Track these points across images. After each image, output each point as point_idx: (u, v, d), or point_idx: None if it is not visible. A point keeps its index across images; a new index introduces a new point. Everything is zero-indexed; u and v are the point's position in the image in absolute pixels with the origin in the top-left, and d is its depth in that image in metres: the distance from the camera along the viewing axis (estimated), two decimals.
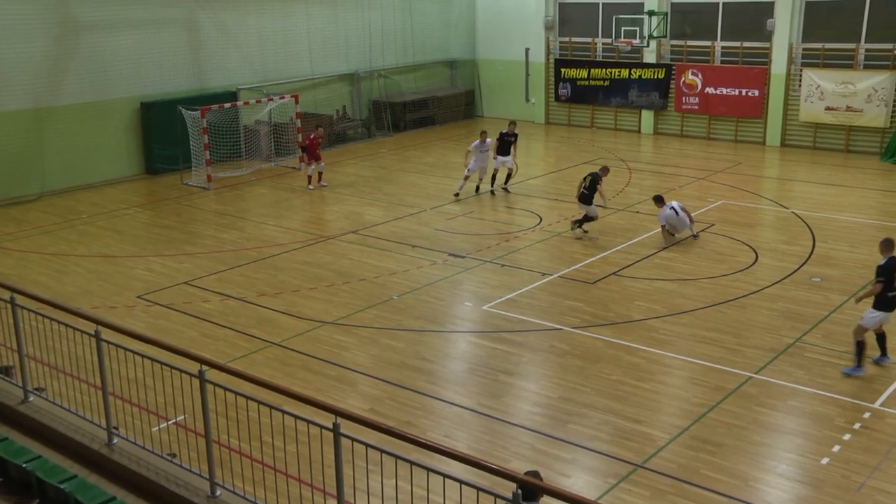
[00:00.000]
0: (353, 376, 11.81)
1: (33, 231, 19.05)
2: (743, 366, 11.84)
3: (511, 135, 21.38)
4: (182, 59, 24.69)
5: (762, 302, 14.14)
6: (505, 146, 21.37)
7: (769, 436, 10.15)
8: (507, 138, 21.34)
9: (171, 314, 14.12)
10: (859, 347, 11.33)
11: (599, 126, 30.50)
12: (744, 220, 18.92)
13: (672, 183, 22.34)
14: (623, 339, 12.81)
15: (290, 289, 15.18)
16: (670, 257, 16.40)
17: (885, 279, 11.01)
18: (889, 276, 11.01)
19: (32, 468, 6.97)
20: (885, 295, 11.06)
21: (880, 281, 11.02)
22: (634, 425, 10.36)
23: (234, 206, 20.90)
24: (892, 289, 11.04)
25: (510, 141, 21.38)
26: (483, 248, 17.07)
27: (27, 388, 8.64)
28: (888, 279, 11.01)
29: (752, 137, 27.35)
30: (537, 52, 31.28)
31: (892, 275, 11.02)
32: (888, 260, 11.07)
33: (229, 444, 9.06)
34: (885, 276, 11.02)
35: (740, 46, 27.08)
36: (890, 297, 11.07)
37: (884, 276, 11.02)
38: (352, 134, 29.21)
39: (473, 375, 11.88)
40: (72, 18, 22.17)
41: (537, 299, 14.51)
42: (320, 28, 28.10)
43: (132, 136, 24.01)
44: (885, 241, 11.24)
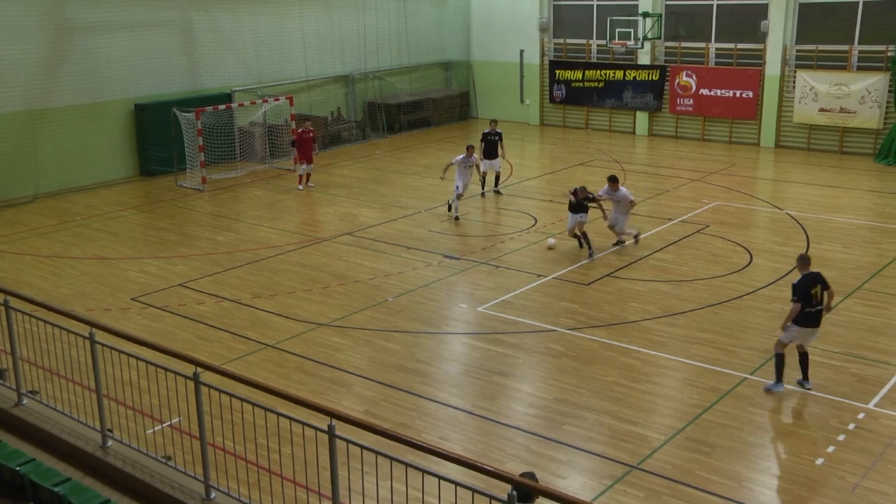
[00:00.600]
0: (348, 378, 11.80)
1: (28, 233, 19.00)
2: (738, 367, 11.86)
3: (493, 133, 21.07)
4: (176, 61, 24.65)
5: (757, 303, 14.16)
6: (491, 147, 21.09)
7: (764, 437, 10.16)
8: (491, 138, 21.07)
9: (165, 316, 14.09)
10: (778, 361, 10.97)
11: (594, 127, 30.54)
12: (738, 221, 18.95)
13: (667, 184, 22.37)
14: (618, 340, 12.82)
15: (285, 291, 15.16)
16: (665, 259, 16.42)
17: (800, 297, 10.68)
18: (805, 293, 10.70)
19: (26, 471, 6.95)
20: (804, 311, 10.71)
21: (796, 300, 10.68)
22: (630, 426, 10.36)
23: (228, 208, 20.88)
24: (810, 304, 10.70)
25: (495, 140, 21.09)
26: (478, 250, 17.07)
27: (21, 391, 8.62)
28: (804, 297, 10.69)
29: (746, 139, 27.40)
30: (532, 54, 31.30)
31: (809, 292, 10.72)
32: (803, 276, 10.83)
33: (224, 447, 9.04)
34: (800, 294, 10.70)
35: (734, 48, 27.14)
36: (807, 312, 10.72)
37: (799, 295, 10.69)
38: (347, 135, 29.20)
39: (468, 377, 11.87)
40: (66, 20, 22.13)
41: (532, 301, 14.51)
42: (315, 30, 28.08)
43: (126, 137, 23.97)
44: (802, 258, 11.09)
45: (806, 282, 10.77)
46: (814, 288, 10.75)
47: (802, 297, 10.67)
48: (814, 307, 10.76)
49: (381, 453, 6.01)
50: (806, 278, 10.81)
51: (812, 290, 10.74)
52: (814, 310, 10.77)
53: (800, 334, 10.87)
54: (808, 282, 10.78)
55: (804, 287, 10.73)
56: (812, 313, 10.77)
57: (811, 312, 10.77)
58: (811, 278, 10.81)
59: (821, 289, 10.80)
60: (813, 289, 10.75)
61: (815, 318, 10.83)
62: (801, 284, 10.76)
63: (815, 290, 10.75)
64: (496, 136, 21.10)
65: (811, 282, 10.78)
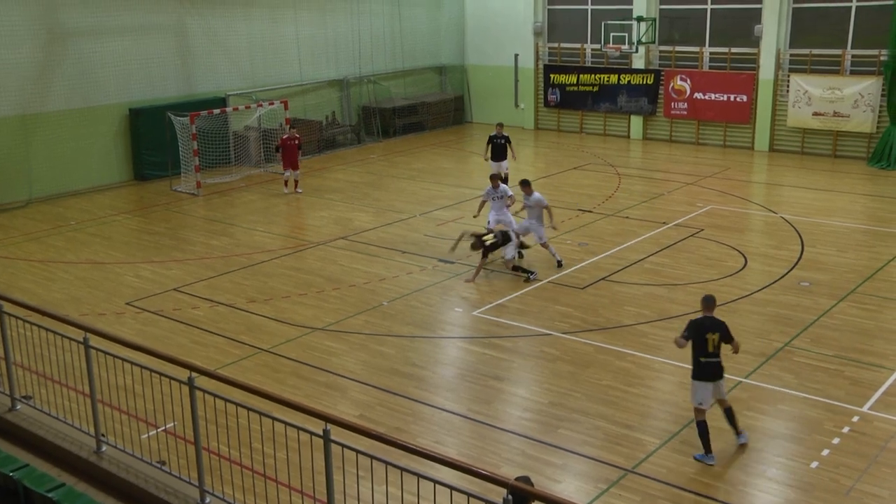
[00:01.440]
0: (344, 382, 11.79)
1: (21, 238, 18.96)
2: (732, 370, 11.84)
3: (500, 137, 20.93)
4: (170, 65, 24.65)
5: (751, 306, 14.19)
6: (498, 150, 20.97)
7: (759, 440, 10.17)
8: (498, 141, 20.96)
9: (160, 321, 14.06)
10: (700, 430, 9.65)
11: (589, 131, 30.59)
12: (733, 224, 18.99)
13: (661, 188, 22.41)
14: (613, 343, 12.83)
15: (280, 295, 15.14)
16: (660, 262, 16.44)
17: (690, 335, 9.51)
18: (696, 334, 9.50)
19: (19, 477, 6.93)
20: (697, 361, 9.56)
21: (685, 336, 9.55)
22: (625, 430, 10.37)
23: (223, 213, 20.86)
24: (704, 353, 9.52)
25: (502, 144, 20.98)
26: (473, 254, 17.05)
27: (14, 396, 8.60)
28: (696, 336, 9.51)
29: (740, 142, 27.48)
30: (526, 58, 31.36)
31: (703, 336, 9.50)
32: (701, 317, 9.67)
33: (219, 451, 9.02)
34: (690, 331, 9.53)
35: (728, 52, 27.22)
36: (703, 363, 9.54)
37: (689, 332, 9.53)
38: (341, 140, 29.20)
39: (464, 381, 11.87)
40: (59, 25, 22.10)
41: (527, 305, 14.52)
42: (309, 34, 28.10)
43: (121, 142, 23.94)
44: (706, 298, 9.80)
45: (703, 323, 9.58)
46: (709, 333, 9.51)
47: (692, 336, 9.51)
48: (708, 357, 9.52)
49: (377, 458, 6.01)
50: (703, 319, 9.62)
51: (707, 335, 9.50)
52: (708, 360, 9.53)
53: (703, 390, 9.60)
54: (704, 323, 9.57)
55: (698, 327, 9.54)
56: (708, 364, 9.54)
57: (707, 363, 9.54)
58: (709, 322, 9.60)
59: (719, 338, 9.53)
60: (708, 334, 9.51)
61: (713, 369, 9.57)
62: (695, 322, 9.61)
63: (711, 337, 9.50)
64: (503, 139, 20.93)
65: (709, 326, 9.55)
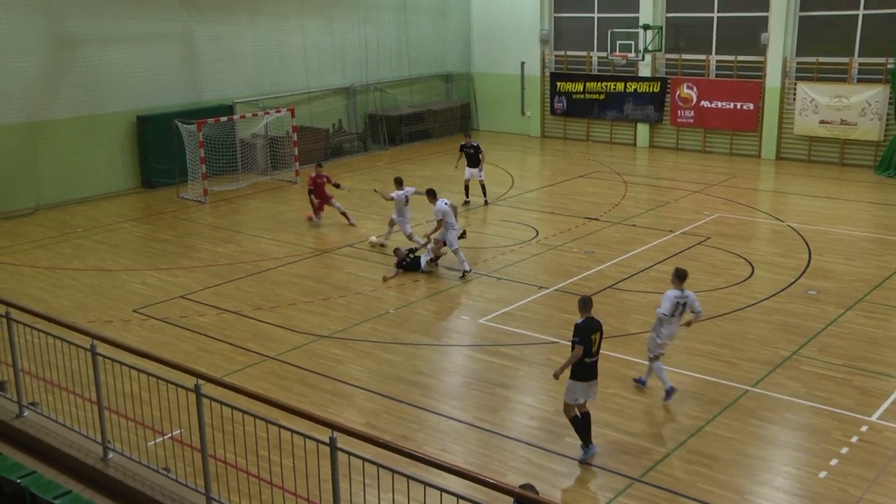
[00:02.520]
0: (350, 390, 11.79)
1: (28, 245, 19.02)
2: (739, 379, 11.85)
3: (469, 146, 21.52)
4: (177, 73, 24.74)
5: (758, 315, 14.16)
6: (470, 159, 21.55)
7: (766, 449, 10.14)
8: (468, 150, 21.52)
9: (166, 328, 14.09)
10: (575, 426, 9.95)
11: (595, 139, 30.59)
12: (739, 232, 18.97)
13: (668, 196, 22.39)
14: (620, 352, 12.80)
15: (287, 302, 15.16)
16: (666, 270, 16.38)
17: (582, 340, 9.65)
18: (586, 338, 9.69)
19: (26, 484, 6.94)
20: (582, 361, 9.70)
21: (576, 342, 9.65)
22: (631, 439, 10.35)
23: (230, 220, 20.90)
24: (590, 354, 9.71)
25: (472, 153, 21.50)
26: (479, 262, 17.08)
27: (22, 403, 8.62)
28: (586, 340, 9.69)
29: (747, 151, 27.45)
30: (533, 66, 31.40)
31: (590, 337, 9.72)
32: (585, 319, 9.81)
33: (225, 459, 9.03)
34: (582, 336, 9.66)
35: (735, 60, 27.22)
36: (587, 363, 9.73)
37: (581, 337, 9.65)
38: (348, 147, 29.26)
39: (470, 389, 11.86)
40: (67, 32, 22.21)
41: (534, 312, 14.51)
42: (316, 42, 28.18)
43: (128, 149, 24.02)
44: (583, 300, 10.00)
45: (589, 325, 9.78)
46: (594, 334, 9.79)
47: (585, 341, 9.66)
48: (592, 357, 9.78)
49: (383, 466, 6.01)
50: (589, 322, 9.80)
51: (592, 336, 9.76)
52: (592, 360, 9.80)
53: (579, 390, 9.82)
54: (591, 326, 9.79)
55: (587, 330, 9.73)
56: (590, 364, 9.79)
57: (591, 364, 9.79)
58: (594, 324, 9.85)
59: (599, 337, 9.88)
60: (594, 335, 9.79)
61: (593, 369, 9.86)
62: (584, 326, 9.73)
63: (594, 338, 9.79)
64: (472, 148, 21.50)
65: (594, 327, 9.82)
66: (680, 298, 11.10)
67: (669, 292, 11.16)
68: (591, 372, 9.85)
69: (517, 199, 22.39)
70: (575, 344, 9.67)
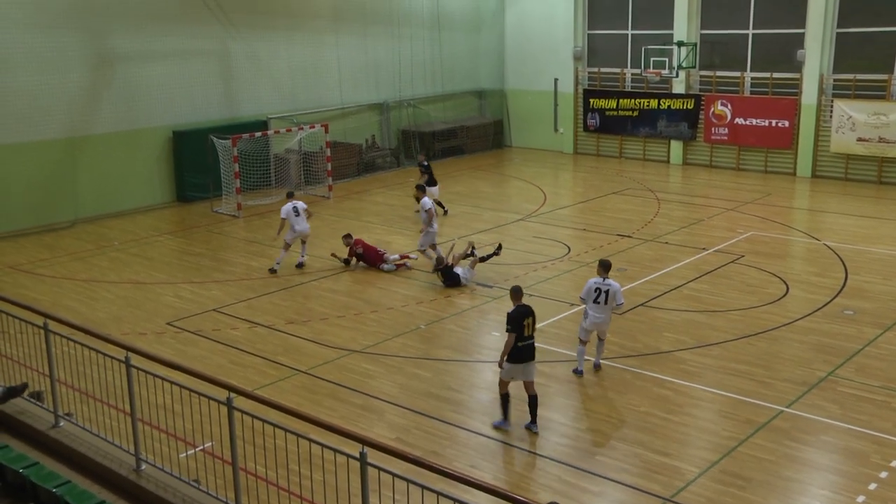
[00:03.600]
0: (380, 405, 11.80)
1: (66, 257, 19.33)
2: (774, 399, 11.69)
3: (420, 165, 22.59)
4: (213, 89, 25.08)
5: (793, 334, 13.98)
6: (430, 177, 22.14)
7: (801, 472, 9.98)
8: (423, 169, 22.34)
9: (199, 341, 14.22)
10: (503, 401, 10.96)
11: (628, 156, 30.48)
12: (774, 251, 18.76)
13: (701, 213, 22.22)
14: (651, 370, 12.70)
15: (318, 317, 15.24)
16: (699, 289, 16.28)
17: (514, 327, 10.51)
18: (518, 324, 10.54)
19: (62, 493, 7.03)
20: (516, 346, 10.56)
21: (510, 330, 10.53)
22: (663, 458, 10.25)
23: (263, 234, 21.06)
24: (522, 338, 10.59)
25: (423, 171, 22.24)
26: (511, 278, 17.04)
27: (58, 413, 8.74)
28: (518, 327, 10.54)
29: (782, 168, 27.18)
30: (566, 83, 31.40)
31: (522, 323, 10.57)
32: (516, 307, 10.72)
33: (256, 472, 9.07)
34: (514, 324, 10.52)
35: (770, 77, 27.01)
36: (521, 347, 10.60)
37: (513, 325, 10.52)
38: (381, 163, 29.43)
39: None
40: (107, 49, 22.63)
41: (565, 330, 14.44)
42: (350, 57, 28.43)
43: (164, 164, 24.36)
44: (514, 289, 10.98)
45: (520, 312, 10.65)
46: (526, 319, 10.63)
47: (517, 328, 10.52)
48: (525, 340, 10.62)
49: (413, 481, 6.00)
50: (520, 309, 10.70)
51: (524, 322, 10.60)
52: (525, 344, 10.63)
53: (514, 370, 10.70)
54: (522, 312, 10.66)
55: (519, 317, 10.60)
56: (523, 347, 10.63)
57: (524, 347, 10.64)
58: (525, 310, 10.72)
59: (532, 322, 10.69)
60: (526, 320, 10.62)
61: (527, 351, 10.69)
62: (515, 314, 10.61)
63: (526, 322, 10.62)
64: (421, 167, 22.50)
65: (525, 313, 10.68)
66: (601, 285, 12.03)
67: (591, 280, 12.24)
68: (526, 354, 10.73)
69: (549, 215, 22.35)
70: (508, 332, 10.56)
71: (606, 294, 12.05)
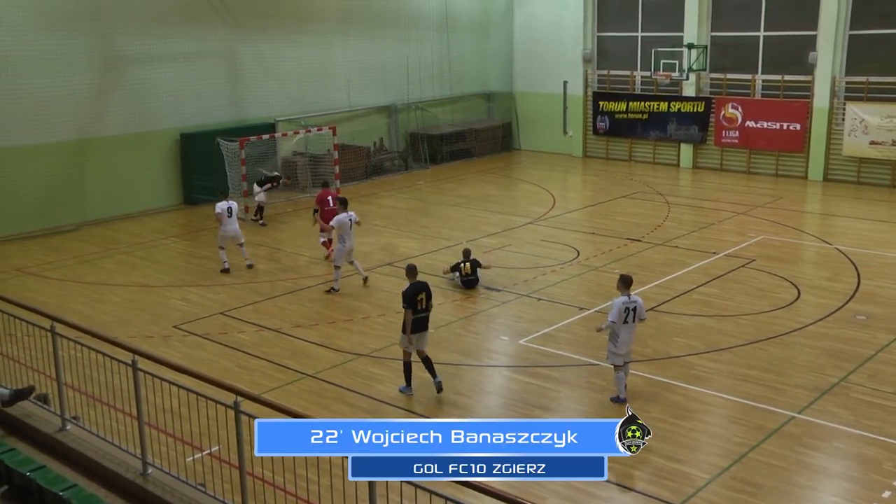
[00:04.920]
0: (388, 409, 11.81)
1: (72, 260, 19.40)
2: (785, 405, 11.65)
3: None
4: (221, 91, 25.14)
5: (805, 340, 13.93)
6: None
7: (813, 478, 9.95)
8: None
9: (206, 344, 14.25)
10: (405, 368, 12.15)
11: (638, 160, 30.44)
12: (785, 255, 18.71)
13: (711, 217, 22.18)
14: (661, 375, 12.67)
15: (326, 320, 15.26)
16: (709, 293, 16.24)
17: (408, 304, 11.71)
18: (412, 301, 11.72)
19: (69, 496, 7.05)
20: (414, 318, 11.81)
21: (406, 306, 11.73)
22: (673, 464, 10.22)
23: (270, 237, 21.11)
24: (416, 311, 11.76)
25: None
26: (519, 282, 17.04)
27: (64, 417, 8.77)
28: (412, 303, 11.72)
29: (793, 172, 27.10)
30: (575, 85, 31.39)
31: (416, 299, 11.74)
32: (411, 285, 11.86)
33: (263, 476, 9.08)
34: (408, 301, 11.71)
35: (781, 80, 26.95)
36: (417, 319, 11.81)
37: (407, 302, 11.72)
38: (389, 166, 29.46)
39: (509, 410, 11.81)
40: (115, 52, 22.72)
41: (574, 334, 14.43)
42: (358, 60, 28.47)
43: (171, 166, 24.44)
44: (409, 267, 12.26)
45: (414, 289, 11.81)
46: (419, 295, 11.80)
47: (411, 304, 11.70)
48: (420, 313, 11.84)
49: (421, 487, 6.00)
50: (414, 286, 11.85)
51: (418, 297, 11.78)
52: (420, 315, 11.87)
53: (414, 340, 11.93)
54: (416, 289, 11.82)
55: (412, 293, 11.76)
56: (420, 319, 11.87)
57: (420, 319, 11.87)
58: (418, 286, 11.87)
59: (425, 297, 11.88)
60: (419, 295, 11.79)
61: (423, 322, 11.95)
62: (409, 292, 11.77)
63: (420, 297, 11.81)
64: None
65: (418, 289, 11.83)
66: (628, 304, 11.54)
67: (616, 300, 11.58)
68: (422, 324, 11.96)
69: (558, 219, 22.34)
70: (405, 308, 11.77)
71: (634, 311, 11.59)
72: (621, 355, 11.63)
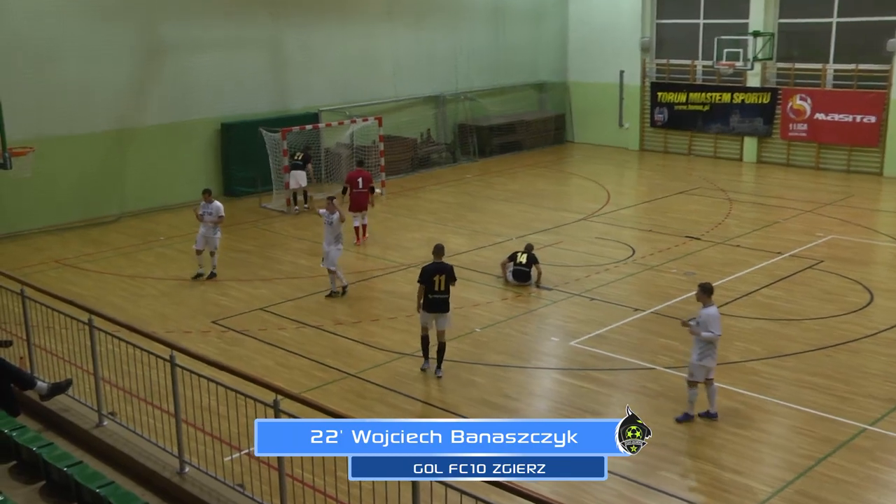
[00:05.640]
0: (432, 411, 11.81)
1: (111, 252, 19.76)
2: (855, 416, 11.40)
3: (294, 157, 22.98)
4: (264, 80, 25.40)
5: (878, 347, 13.63)
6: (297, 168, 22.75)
7: (886, 495, 9.73)
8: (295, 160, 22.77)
9: (245, 341, 14.41)
10: (423, 343, 12.83)
11: (698, 154, 30.06)
12: (856, 256, 18.33)
13: (776, 215, 21.82)
14: (720, 381, 12.46)
15: (369, 318, 15.33)
16: (773, 295, 15.98)
17: (423, 280, 12.40)
18: (427, 278, 12.36)
19: (105, 494, 7.16)
20: (426, 297, 12.42)
21: (419, 282, 12.46)
22: (733, 476, 10.08)
23: (312, 231, 21.24)
24: (432, 291, 12.38)
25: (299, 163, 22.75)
26: (571, 281, 16.94)
27: (102, 412, 8.92)
28: (427, 281, 12.36)
29: (867, 168, 26.53)
30: (632, 75, 31.10)
31: (432, 278, 12.34)
32: (432, 263, 12.53)
33: (302, 478, 9.14)
34: (423, 277, 12.42)
35: (855, 69, 26.38)
36: (430, 298, 12.40)
37: (422, 278, 12.42)
38: (436, 158, 29.50)
39: (558, 414, 11.74)
40: (157, 40, 23.08)
41: (628, 336, 14.31)
42: (405, 49, 28.55)
43: (211, 157, 24.74)
44: (436, 247, 12.88)
45: (433, 268, 12.43)
46: (436, 276, 12.35)
47: (425, 281, 12.36)
48: (435, 294, 12.39)
49: (466, 492, 5.98)
50: (434, 265, 12.49)
51: (434, 277, 12.35)
52: (435, 297, 12.39)
53: (427, 318, 12.54)
54: (432, 269, 12.42)
55: (429, 272, 12.40)
56: (434, 300, 12.41)
57: (434, 299, 12.40)
58: (438, 266, 12.46)
59: (444, 279, 12.39)
60: (435, 276, 12.35)
61: (438, 304, 12.42)
62: (427, 268, 12.49)
63: (437, 278, 12.35)
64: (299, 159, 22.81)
65: (435, 270, 12.40)
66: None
67: (712, 310, 11.08)
68: (437, 305, 12.46)
69: (613, 215, 22.16)
70: (419, 283, 12.50)
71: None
72: (710, 369, 11.20)
